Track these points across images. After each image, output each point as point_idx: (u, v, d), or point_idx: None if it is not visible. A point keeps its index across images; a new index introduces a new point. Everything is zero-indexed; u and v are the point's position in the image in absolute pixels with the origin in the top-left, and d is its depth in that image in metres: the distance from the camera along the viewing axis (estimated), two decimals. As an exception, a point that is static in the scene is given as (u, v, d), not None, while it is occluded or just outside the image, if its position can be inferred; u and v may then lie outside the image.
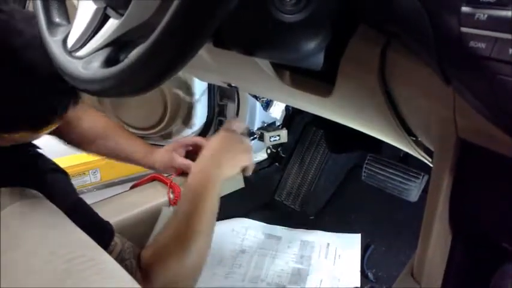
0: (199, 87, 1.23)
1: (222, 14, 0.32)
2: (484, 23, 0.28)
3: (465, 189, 0.40)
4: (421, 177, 1.07)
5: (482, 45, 0.29)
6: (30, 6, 1.23)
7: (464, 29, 0.29)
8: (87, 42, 0.47)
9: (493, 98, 0.30)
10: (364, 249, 1.08)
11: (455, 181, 0.40)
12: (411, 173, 1.08)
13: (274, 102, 1.19)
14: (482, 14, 0.29)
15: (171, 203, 0.97)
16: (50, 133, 0.75)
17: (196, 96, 1.24)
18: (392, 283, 0.92)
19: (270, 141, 1.17)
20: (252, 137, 1.22)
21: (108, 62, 0.43)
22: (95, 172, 1.67)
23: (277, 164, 1.31)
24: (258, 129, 1.21)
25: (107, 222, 0.74)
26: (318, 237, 1.12)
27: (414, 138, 0.56)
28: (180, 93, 1.22)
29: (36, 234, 0.58)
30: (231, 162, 0.80)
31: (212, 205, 0.75)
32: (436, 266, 0.43)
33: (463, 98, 0.33)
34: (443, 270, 0.42)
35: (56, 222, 0.62)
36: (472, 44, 0.29)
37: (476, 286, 0.41)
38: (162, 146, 1.33)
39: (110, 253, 0.68)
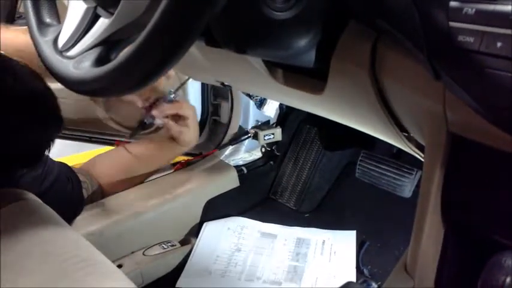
0: (193, 86, 1.23)
1: (211, 12, 0.32)
2: (472, 17, 0.29)
3: (456, 183, 0.40)
4: (414, 173, 1.07)
5: (470, 39, 0.29)
6: (21, 8, 1.22)
7: (452, 24, 0.30)
8: (78, 42, 0.47)
9: (482, 92, 0.30)
10: (359, 245, 1.08)
11: (446, 175, 0.40)
12: (404, 169, 1.09)
13: (268, 100, 1.19)
14: (470, 9, 0.29)
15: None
16: None
17: (190, 95, 1.23)
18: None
19: (265, 139, 1.17)
20: (246, 136, 1.22)
21: (99, 61, 0.43)
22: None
23: (271, 162, 1.31)
24: (252, 128, 1.21)
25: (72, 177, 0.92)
26: (314, 235, 1.12)
27: (406, 134, 0.56)
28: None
29: (32, 234, 0.58)
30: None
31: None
32: (429, 260, 0.44)
33: (453, 92, 0.34)
34: (436, 264, 0.42)
35: (51, 223, 0.62)
36: (460, 38, 0.29)
37: (469, 279, 0.41)
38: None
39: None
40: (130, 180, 1.04)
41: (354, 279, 0.98)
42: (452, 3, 0.30)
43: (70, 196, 0.90)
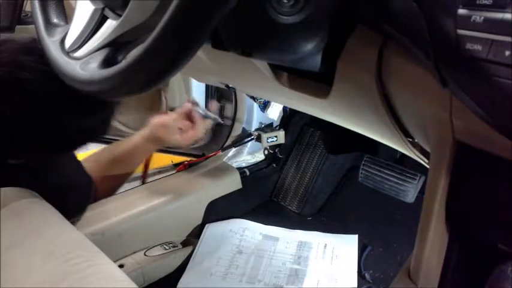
0: (197, 88, 1.23)
1: (220, 15, 0.32)
2: (481, 25, 0.29)
3: (461, 191, 0.40)
4: (417, 178, 1.07)
5: (478, 47, 0.29)
6: (28, 6, 1.22)
7: (460, 31, 0.30)
8: (85, 43, 0.47)
9: (489, 100, 0.30)
10: (361, 250, 1.08)
11: (451, 182, 0.40)
12: (408, 174, 1.09)
13: (272, 103, 1.19)
14: (479, 17, 0.29)
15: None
16: None
17: (194, 96, 1.24)
18: (389, 284, 0.92)
19: (268, 142, 1.17)
20: (249, 138, 1.22)
21: (106, 63, 0.43)
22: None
23: (274, 165, 1.31)
24: (256, 130, 1.21)
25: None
26: (315, 238, 1.12)
27: (411, 140, 0.56)
28: (178, 94, 1.22)
29: (34, 234, 0.58)
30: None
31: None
32: (433, 267, 0.44)
33: (460, 99, 0.33)
34: (440, 271, 0.42)
35: (53, 222, 0.62)
36: (468, 46, 0.29)
37: (472, 287, 0.41)
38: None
39: None
40: (112, 179, 1.03)
41: (355, 284, 0.98)
42: (461, 11, 0.29)
43: (87, 185, 0.93)
